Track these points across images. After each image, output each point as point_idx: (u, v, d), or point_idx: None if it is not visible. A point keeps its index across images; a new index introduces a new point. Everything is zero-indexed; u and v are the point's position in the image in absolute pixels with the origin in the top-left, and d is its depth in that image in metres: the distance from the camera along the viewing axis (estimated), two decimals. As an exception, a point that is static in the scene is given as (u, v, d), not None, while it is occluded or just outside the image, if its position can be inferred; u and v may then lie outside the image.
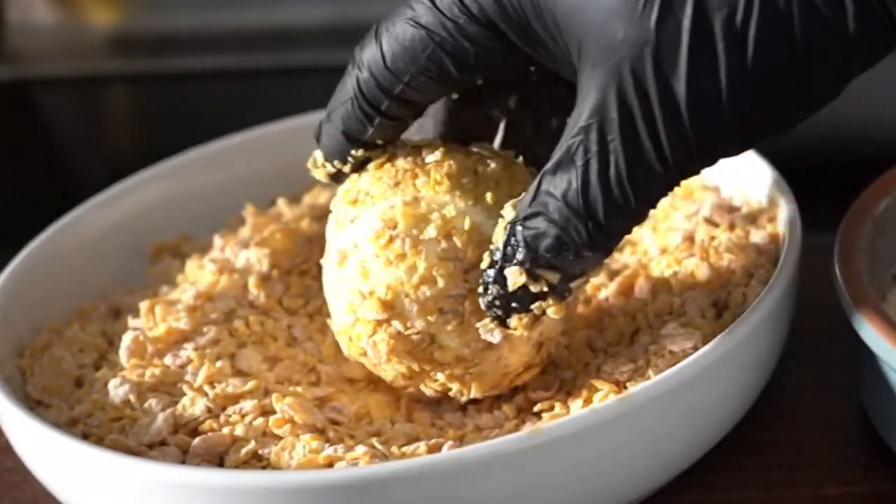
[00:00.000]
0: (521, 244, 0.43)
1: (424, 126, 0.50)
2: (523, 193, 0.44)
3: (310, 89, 0.77)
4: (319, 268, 0.54)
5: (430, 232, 0.45)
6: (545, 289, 0.43)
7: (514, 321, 0.44)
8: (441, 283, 0.45)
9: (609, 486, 0.45)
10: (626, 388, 0.46)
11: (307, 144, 0.53)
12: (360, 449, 0.45)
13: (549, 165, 0.43)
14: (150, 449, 0.46)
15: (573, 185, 0.42)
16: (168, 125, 0.84)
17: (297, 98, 0.68)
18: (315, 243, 0.56)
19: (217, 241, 0.57)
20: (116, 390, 0.48)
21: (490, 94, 0.49)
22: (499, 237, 0.44)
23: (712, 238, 0.52)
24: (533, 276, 0.43)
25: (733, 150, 0.44)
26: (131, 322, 0.53)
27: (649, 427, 0.44)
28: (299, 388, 0.49)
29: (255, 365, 0.50)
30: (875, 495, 0.48)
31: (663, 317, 0.49)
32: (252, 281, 0.53)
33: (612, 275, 0.53)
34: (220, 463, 0.46)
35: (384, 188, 0.47)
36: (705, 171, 0.56)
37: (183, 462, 0.46)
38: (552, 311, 0.44)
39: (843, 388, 0.52)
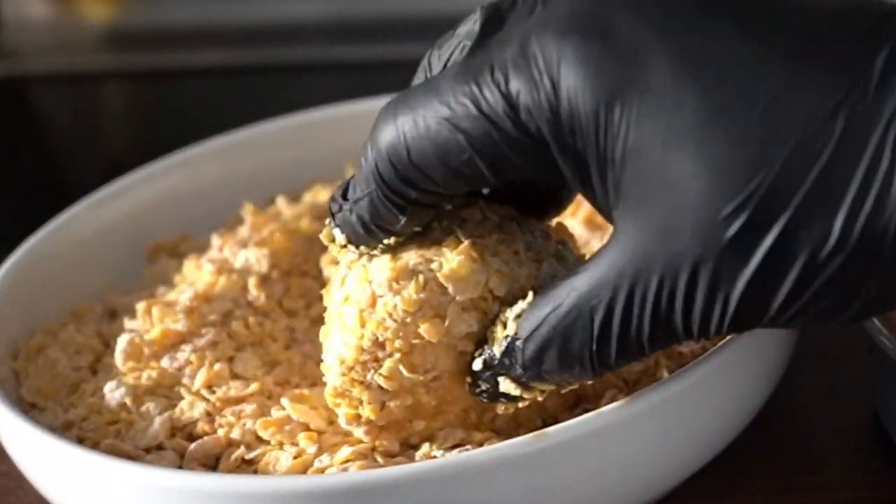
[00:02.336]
0: (519, 362, 0.42)
1: None
2: (525, 301, 0.42)
3: (309, 86, 0.77)
4: (319, 268, 0.54)
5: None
6: (539, 396, 0.43)
7: (500, 408, 0.44)
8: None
9: (615, 491, 0.45)
10: (634, 389, 0.46)
11: (307, 142, 0.53)
12: (346, 451, 0.44)
13: (552, 291, 0.41)
14: (146, 453, 0.46)
15: (587, 342, 0.41)
16: (165, 122, 0.84)
17: (297, 94, 0.68)
18: (315, 243, 0.55)
19: (215, 240, 0.56)
20: (112, 393, 0.48)
21: None
22: (496, 345, 0.43)
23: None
24: (527, 388, 0.43)
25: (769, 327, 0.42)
26: (128, 323, 0.52)
27: (657, 431, 0.44)
28: (297, 391, 0.49)
29: (253, 368, 0.50)
30: (886, 501, 0.47)
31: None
32: (252, 281, 0.53)
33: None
34: (217, 467, 0.46)
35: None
36: None
37: (180, 466, 0.46)
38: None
39: (854, 391, 0.52)
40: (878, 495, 0.48)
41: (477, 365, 0.43)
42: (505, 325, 0.43)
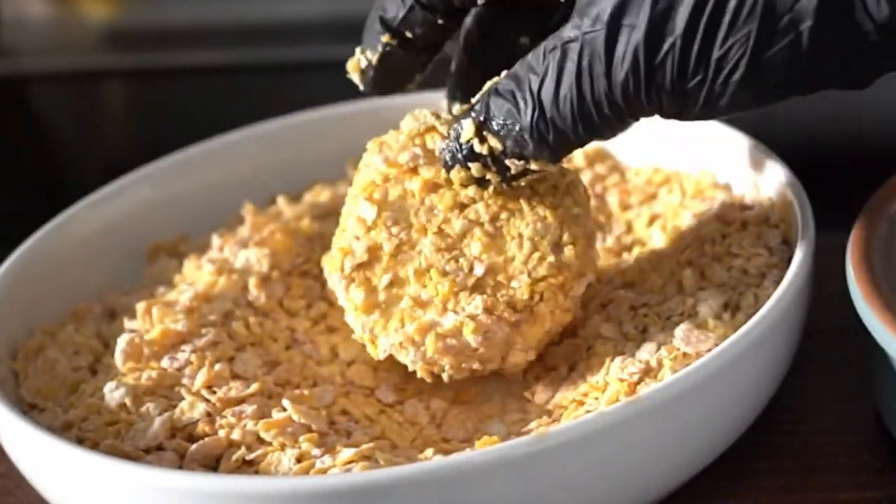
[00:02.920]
0: (483, 103, 0.46)
1: None
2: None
3: (310, 85, 0.77)
4: (320, 268, 0.54)
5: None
6: (485, 152, 0.46)
7: (454, 172, 0.47)
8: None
9: (618, 491, 0.45)
10: (636, 389, 0.46)
11: (308, 141, 0.53)
12: (348, 452, 0.44)
13: (541, 47, 0.45)
14: (146, 454, 0.46)
15: (547, 77, 0.45)
16: (165, 121, 0.84)
17: (298, 94, 0.68)
18: (316, 243, 0.56)
19: (215, 240, 0.56)
20: (112, 394, 0.48)
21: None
22: (478, 95, 0.47)
23: (724, 237, 0.52)
24: (480, 136, 0.46)
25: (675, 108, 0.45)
26: (127, 324, 0.52)
27: (659, 431, 0.44)
28: (297, 392, 0.49)
29: (253, 368, 0.50)
30: (890, 500, 0.47)
31: (674, 317, 0.48)
32: (252, 281, 0.53)
33: (621, 274, 0.52)
34: (218, 468, 0.46)
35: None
36: (717, 170, 0.56)
37: (180, 467, 0.46)
38: (493, 179, 0.47)
39: (857, 390, 0.52)
40: (882, 495, 0.47)
41: (456, 110, 0.50)
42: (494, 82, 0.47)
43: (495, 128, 0.46)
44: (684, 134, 0.57)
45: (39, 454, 0.46)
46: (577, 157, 0.59)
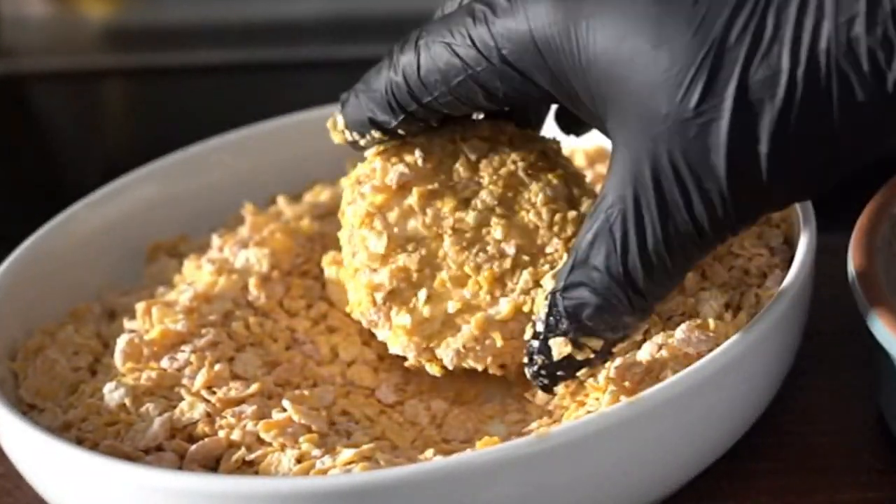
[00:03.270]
0: (564, 314, 0.45)
1: None
2: (562, 262, 0.46)
3: (310, 84, 0.77)
4: (320, 268, 0.54)
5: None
6: (591, 356, 0.46)
7: (560, 389, 0.47)
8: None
9: (618, 492, 0.44)
10: (637, 389, 0.45)
11: (308, 141, 0.53)
12: (348, 452, 0.44)
13: (585, 234, 0.45)
14: (146, 454, 0.46)
15: (612, 255, 0.44)
16: (165, 121, 0.84)
17: (298, 93, 0.68)
18: (316, 243, 0.55)
19: (215, 240, 0.56)
20: (111, 394, 0.48)
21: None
22: (540, 307, 0.46)
23: (725, 237, 0.51)
24: (577, 345, 0.46)
25: (769, 211, 0.46)
26: (127, 324, 0.52)
27: (660, 432, 0.44)
28: (297, 392, 0.48)
29: (253, 368, 0.49)
30: (891, 501, 0.47)
31: (675, 317, 0.48)
32: (252, 282, 0.53)
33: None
34: (217, 468, 0.46)
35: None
36: None
37: (180, 468, 0.46)
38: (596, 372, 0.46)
39: (858, 391, 0.52)
40: (883, 496, 0.47)
41: (527, 335, 0.46)
42: (544, 288, 0.45)
43: (590, 330, 0.45)
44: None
45: (39, 454, 0.45)
46: (579, 158, 0.59)
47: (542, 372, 0.46)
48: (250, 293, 0.53)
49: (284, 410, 0.47)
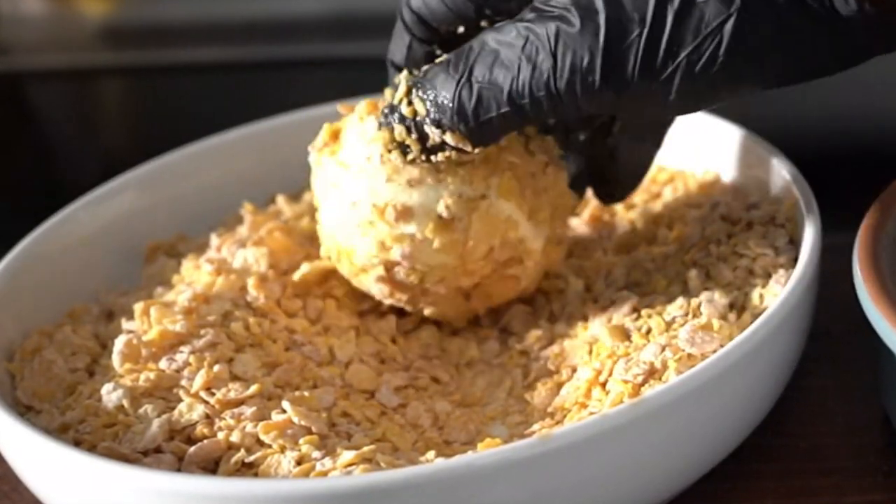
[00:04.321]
0: (423, 71, 0.47)
1: None
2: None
3: (310, 83, 0.77)
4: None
5: (495, 239, 0.50)
6: (409, 115, 0.47)
7: (380, 133, 0.48)
8: (475, 277, 0.50)
9: (621, 494, 0.44)
10: (640, 391, 0.45)
11: (308, 140, 0.53)
12: (348, 454, 0.44)
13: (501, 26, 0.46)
14: (144, 456, 0.46)
15: (484, 52, 0.45)
16: (163, 120, 0.84)
17: (297, 91, 0.68)
18: (315, 242, 0.55)
19: (214, 240, 0.56)
20: (109, 395, 0.48)
21: None
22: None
23: (729, 237, 0.51)
24: (408, 98, 0.47)
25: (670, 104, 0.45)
26: (125, 324, 0.52)
27: (664, 433, 0.44)
28: (297, 394, 0.48)
29: (253, 369, 0.49)
30: (897, 505, 0.47)
31: (679, 318, 0.48)
32: (252, 282, 0.53)
33: (625, 274, 0.52)
34: (217, 470, 0.45)
35: (455, 170, 0.49)
36: (722, 168, 0.56)
37: (178, 470, 0.45)
38: (413, 148, 0.47)
39: (864, 392, 0.52)
40: (889, 498, 0.47)
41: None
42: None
43: (422, 92, 0.46)
44: (689, 132, 0.57)
45: (36, 457, 0.45)
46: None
47: (386, 109, 0.48)
48: (249, 294, 0.52)
49: (284, 412, 0.46)
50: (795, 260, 0.49)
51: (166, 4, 0.88)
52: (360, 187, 0.49)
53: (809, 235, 0.49)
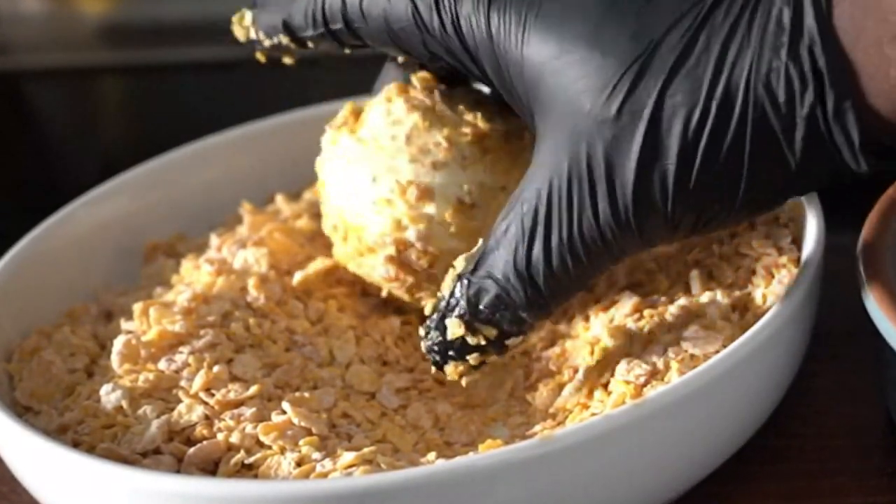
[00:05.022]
0: (464, 298, 0.45)
1: None
2: (478, 245, 0.46)
3: (309, 81, 0.76)
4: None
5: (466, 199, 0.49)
6: (482, 342, 0.46)
7: (449, 368, 0.47)
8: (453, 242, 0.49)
9: (623, 495, 0.44)
10: (642, 391, 0.45)
11: (307, 139, 0.53)
12: (349, 456, 0.44)
13: (500, 222, 0.45)
14: (143, 457, 0.46)
15: (519, 247, 0.44)
16: (162, 118, 0.84)
17: (296, 90, 0.68)
18: (315, 241, 0.55)
19: (213, 240, 0.56)
20: (108, 396, 0.48)
21: None
22: (446, 287, 0.46)
23: (732, 237, 0.51)
24: (472, 330, 0.45)
25: (669, 237, 0.45)
26: (124, 325, 0.52)
27: (666, 434, 0.43)
28: (297, 394, 0.48)
29: (253, 370, 0.49)
30: (901, 507, 0.47)
31: (681, 318, 0.48)
32: (252, 282, 0.53)
33: (628, 274, 0.52)
34: (216, 472, 0.45)
35: (475, 156, 0.49)
36: None
37: (178, 471, 0.45)
38: (489, 360, 0.46)
39: (868, 393, 0.51)
40: (893, 500, 0.47)
41: (427, 309, 0.47)
42: (455, 269, 0.46)
43: (486, 318, 0.45)
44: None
45: (34, 458, 0.45)
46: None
47: (435, 348, 0.46)
48: (249, 294, 0.52)
49: (284, 413, 0.46)
50: (799, 260, 0.49)
51: (165, 3, 0.88)
52: (380, 164, 0.49)
53: (812, 235, 0.48)
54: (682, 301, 0.49)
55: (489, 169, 0.49)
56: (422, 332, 0.47)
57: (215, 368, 0.48)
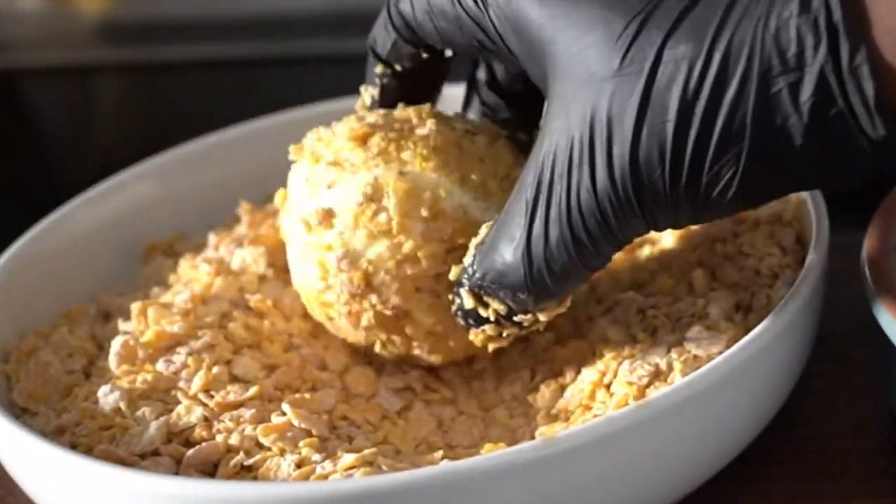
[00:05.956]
0: (471, 269, 0.45)
1: None
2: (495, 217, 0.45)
3: (309, 80, 0.77)
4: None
5: (423, 211, 0.46)
6: (491, 317, 0.46)
7: (471, 334, 0.47)
8: (424, 263, 0.47)
9: (627, 497, 0.44)
10: (645, 392, 0.45)
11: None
12: (349, 457, 0.44)
13: (514, 197, 0.44)
14: (141, 459, 0.46)
15: (520, 225, 0.44)
16: (161, 117, 0.84)
17: (296, 89, 0.68)
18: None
19: (212, 239, 0.56)
20: (106, 398, 0.47)
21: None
22: (468, 256, 0.46)
23: (735, 236, 0.51)
24: (481, 301, 0.45)
25: (671, 218, 0.43)
26: (122, 325, 0.51)
27: (669, 436, 0.43)
28: (297, 396, 0.48)
29: (252, 371, 0.49)
30: (905, 508, 0.47)
31: (684, 319, 0.48)
32: (250, 282, 0.52)
33: (630, 274, 0.52)
34: (215, 473, 0.45)
35: (367, 156, 0.47)
36: None
37: (176, 473, 0.45)
38: (511, 333, 0.46)
39: (872, 394, 0.51)
40: (896, 503, 0.47)
41: (452, 274, 0.46)
42: (476, 238, 0.45)
43: (492, 293, 0.45)
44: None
45: (32, 460, 0.45)
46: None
47: (458, 313, 0.46)
48: (248, 294, 0.52)
49: (284, 414, 0.46)
50: (802, 260, 0.48)
51: (163, 1, 0.88)
52: (292, 217, 0.49)
53: (817, 235, 0.48)
54: (685, 301, 0.48)
55: (376, 163, 0.47)
56: (450, 295, 0.47)
57: (214, 369, 0.48)
